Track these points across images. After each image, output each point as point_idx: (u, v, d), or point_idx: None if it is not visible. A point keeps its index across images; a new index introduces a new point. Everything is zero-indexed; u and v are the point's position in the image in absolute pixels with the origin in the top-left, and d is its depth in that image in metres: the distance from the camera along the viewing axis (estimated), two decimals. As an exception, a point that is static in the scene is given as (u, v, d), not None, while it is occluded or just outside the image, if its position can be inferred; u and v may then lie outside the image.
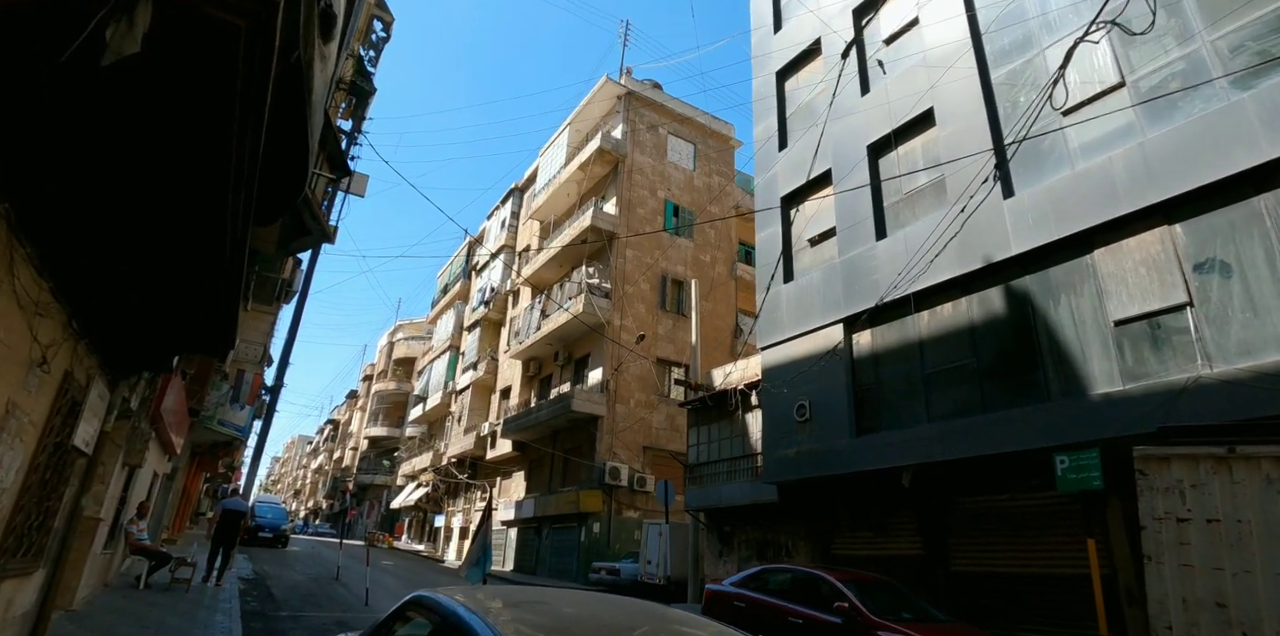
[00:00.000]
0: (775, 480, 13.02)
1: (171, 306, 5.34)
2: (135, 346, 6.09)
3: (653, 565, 16.99)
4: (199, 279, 4.75)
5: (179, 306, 5.38)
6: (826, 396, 12.36)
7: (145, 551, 9.73)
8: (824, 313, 12.95)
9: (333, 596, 12.21)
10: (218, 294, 4.96)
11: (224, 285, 4.78)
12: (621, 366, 22.83)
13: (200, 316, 5.46)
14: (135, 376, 7.22)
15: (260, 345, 17.87)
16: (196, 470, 23.49)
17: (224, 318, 5.48)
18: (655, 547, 17.06)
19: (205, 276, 4.61)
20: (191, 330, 5.96)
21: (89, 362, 5.69)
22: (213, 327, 5.83)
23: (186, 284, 4.91)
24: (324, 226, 6.45)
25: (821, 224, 13.83)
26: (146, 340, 5.97)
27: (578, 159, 27.06)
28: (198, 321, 5.65)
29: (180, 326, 5.84)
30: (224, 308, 5.26)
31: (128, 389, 7.28)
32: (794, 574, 9.02)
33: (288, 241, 6.85)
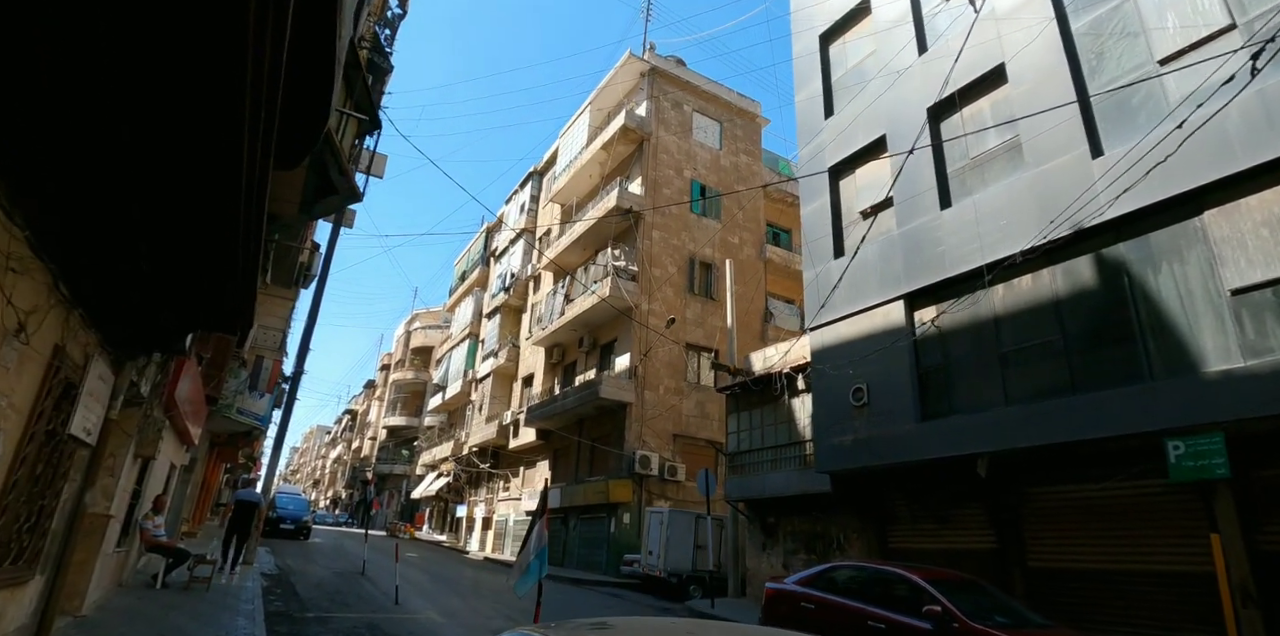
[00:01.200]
0: (829, 469, 12.15)
1: (180, 270, 4.54)
2: (140, 321, 5.29)
3: (654, 556, 16.10)
4: (212, 233, 3.93)
5: (189, 270, 4.57)
6: (886, 379, 11.45)
7: (162, 548, 9.03)
8: (881, 289, 12.01)
9: (361, 594, 11.52)
10: (234, 253, 4.14)
11: (241, 242, 3.97)
12: (650, 352, 21.99)
13: (214, 283, 4.66)
14: (143, 358, 6.44)
15: (279, 331, 17.18)
16: (216, 461, 22.96)
17: (241, 286, 4.67)
18: (656, 537, 16.16)
19: (219, 229, 3.79)
20: (205, 302, 5.16)
21: (86, 338, 4.89)
22: (229, 299, 5.02)
23: (197, 240, 4.10)
24: (351, 183, 5.63)
25: (875, 194, 12.86)
26: (153, 314, 5.17)
27: (600, 138, 26.11)
28: (212, 290, 4.84)
29: (192, 297, 5.03)
30: (241, 272, 4.44)
31: (135, 372, 6.50)
32: (868, 572, 8.16)
33: (311, 203, 6.02)
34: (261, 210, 3.87)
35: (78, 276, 4.32)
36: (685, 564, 15.89)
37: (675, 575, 15.65)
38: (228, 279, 4.57)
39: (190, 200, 3.65)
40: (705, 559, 15.90)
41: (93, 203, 3.51)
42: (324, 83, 3.45)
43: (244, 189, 3.46)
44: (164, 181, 3.48)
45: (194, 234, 4.01)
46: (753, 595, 14.89)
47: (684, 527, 16.25)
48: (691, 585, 15.66)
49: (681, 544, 16.00)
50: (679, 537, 16.00)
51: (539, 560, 5.46)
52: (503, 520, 28.73)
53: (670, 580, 15.70)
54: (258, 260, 4.52)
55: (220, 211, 3.65)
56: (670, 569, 15.67)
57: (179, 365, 7.91)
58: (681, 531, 16.17)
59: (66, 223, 3.64)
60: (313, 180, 5.52)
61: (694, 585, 15.66)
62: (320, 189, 5.75)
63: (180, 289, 4.84)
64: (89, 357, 4.98)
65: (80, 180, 3.31)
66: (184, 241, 4.12)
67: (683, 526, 16.27)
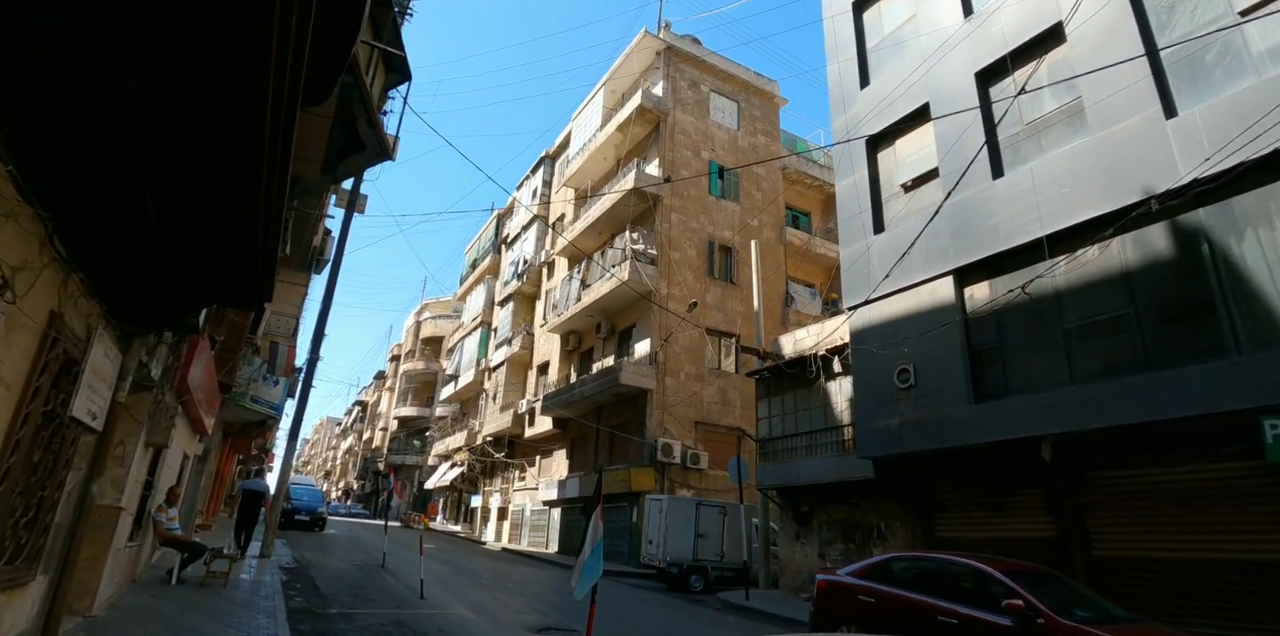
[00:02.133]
0: (871, 455, 11.57)
1: (195, 227, 3.96)
2: (149, 292, 4.72)
3: (654, 546, 15.40)
4: (232, 179, 3.34)
5: (205, 227, 3.98)
6: (935, 358, 10.83)
7: (176, 542, 8.52)
8: (927, 264, 11.37)
9: (383, 588, 11.03)
10: (255, 202, 3.55)
11: (265, 189, 3.38)
12: (671, 337, 21.39)
13: (234, 243, 4.08)
14: (153, 336, 5.88)
15: (292, 318, 16.67)
16: (229, 451, 22.54)
17: (263, 246, 4.08)
18: (656, 526, 15.46)
19: (241, 171, 3.20)
20: (222, 266, 4.58)
21: (88, 308, 4.32)
22: (249, 262, 4.44)
23: (215, 189, 3.52)
24: (381, 137, 5.02)
25: (919, 166, 12.18)
26: (163, 283, 4.60)
27: (616, 119, 25.40)
28: (231, 251, 4.26)
29: (208, 261, 4.46)
30: (264, 228, 3.85)
31: (145, 351, 5.95)
32: (934, 563, 7.56)
33: (335, 162, 5.41)
34: (288, 149, 3.27)
35: (77, 235, 3.74)
36: (686, 553, 15.13)
37: (676, 565, 14.95)
38: (249, 237, 3.99)
39: (208, 139, 3.06)
40: (707, 547, 15.29)
41: (90, 134, 2.92)
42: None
43: (270, 120, 2.86)
44: (177, 114, 2.89)
45: (211, 181, 3.42)
46: (786, 586, 14.37)
47: (684, 515, 15.51)
48: (693, 575, 14.95)
49: (682, 532, 15.28)
50: (679, 526, 15.29)
51: (594, 558, 4.89)
52: (519, 510, 28.31)
53: (670, 570, 15.02)
54: (282, 213, 3.93)
55: (242, 148, 3.06)
56: (670, 558, 14.98)
57: (192, 347, 7.36)
58: (681, 519, 15.43)
59: (58, 160, 3.05)
60: (339, 134, 4.90)
61: (695, 575, 14.97)
62: (346, 145, 5.13)
63: (195, 251, 4.26)
64: (92, 331, 4.41)
65: (74, 104, 2.72)
66: (199, 190, 3.53)
67: (683, 514, 15.52)
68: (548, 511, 25.52)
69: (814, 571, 13.88)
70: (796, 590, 13.97)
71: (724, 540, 15.54)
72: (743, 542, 15.51)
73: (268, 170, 3.35)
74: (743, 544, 15.50)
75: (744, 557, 15.36)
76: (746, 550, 15.36)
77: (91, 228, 3.75)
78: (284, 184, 3.55)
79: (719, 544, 15.46)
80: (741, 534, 15.59)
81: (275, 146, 3.19)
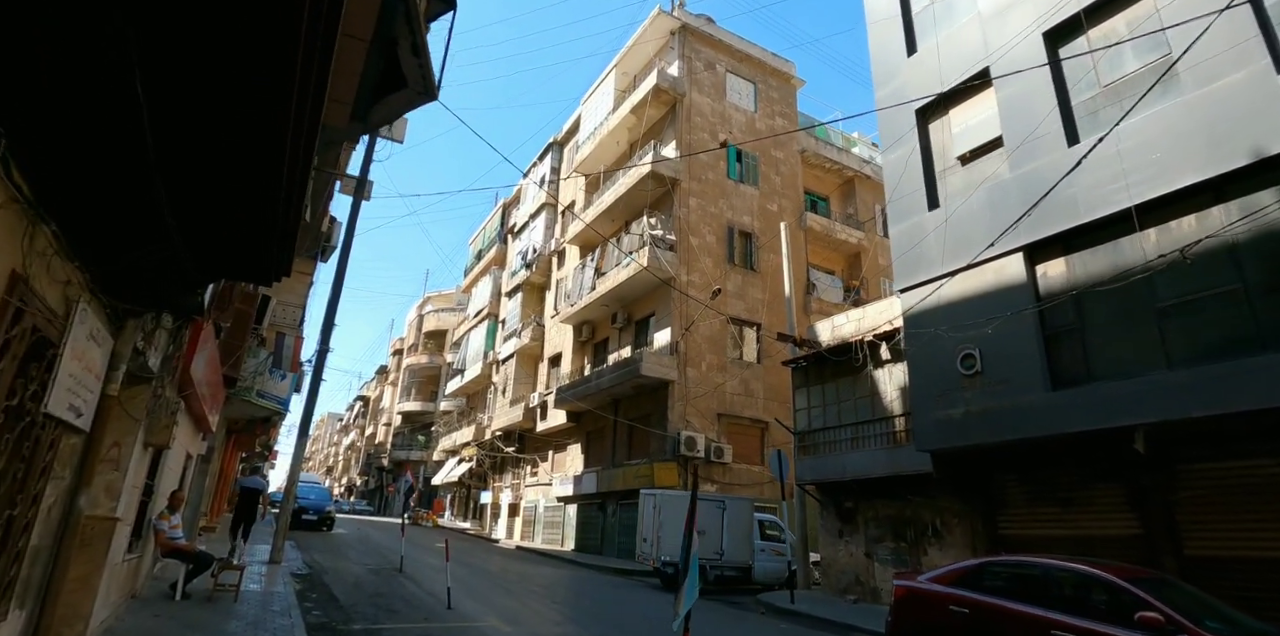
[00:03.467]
0: (933, 447, 10.70)
1: (204, 173, 3.06)
2: (147, 256, 3.81)
3: (648, 543, 14.37)
4: (256, 107, 2.46)
5: (217, 173, 3.09)
6: (1004, 342, 9.95)
7: (180, 553, 7.63)
8: (992, 241, 10.46)
9: (405, 597, 10.17)
10: (280, 148, 2.67)
11: (292, 129, 2.50)
12: (693, 326, 20.51)
13: (251, 197, 3.19)
14: (151, 316, 4.97)
15: (298, 309, 15.77)
16: (233, 449, 21.65)
17: (285, 203, 3.19)
18: (650, 523, 14.44)
19: (268, 99, 2.33)
20: (235, 229, 3.69)
21: (67, 273, 3.42)
22: (265, 226, 3.55)
23: (233, 122, 2.62)
24: (426, 68, 4.11)
25: (978, 136, 11.26)
26: (165, 245, 3.70)
27: (629, 101, 24.41)
28: (246, 210, 3.37)
29: (218, 218, 3.56)
30: (287, 180, 2.97)
31: (141, 336, 5.05)
32: (1039, 569, 6.68)
33: (369, 104, 4.48)
34: (325, 69, 2.39)
35: (47, 167, 2.83)
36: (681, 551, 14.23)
37: (671, 564, 13.86)
38: (270, 188, 3.09)
39: (229, 47, 2.18)
40: (705, 545, 14.05)
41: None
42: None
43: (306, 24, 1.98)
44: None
45: (230, 110, 2.53)
46: (830, 587, 13.53)
47: (680, 511, 14.46)
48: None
49: (677, 529, 14.34)
50: (674, 522, 14.15)
51: (691, 582, 4.01)
52: (531, 506, 27.48)
53: (666, 570, 14.05)
54: (310, 160, 3.04)
55: (270, 67, 2.18)
56: (665, 557, 13.90)
57: (195, 333, 6.46)
58: (677, 515, 14.18)
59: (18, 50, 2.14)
60: (375, 65, 4.00)
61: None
62: (384, 81, 4.23)
63: (204, 203, 3.36)
64: (72, 304, 3.50)
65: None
66: (214, 123, 2.64)
67: (679, 510, 14.30)
68: (562, 508, 24.69)
69: (858, 571, 13.08)
70: (841, 591, 13.14)
71: (723, 537, 14.44)
72: (745, 540, 14.55)
73: (298, 98, 2.46)
74: (745, 542, 14.54)
75: (747, 557, 14.45)
76: (749, 548, 14.45)
77: (68, 159, 2.85)
78: (316, 119, 2.67)
79: (718, 541, 14.34)
80: (744, 531, 14.58)
81: (310, 67, 2.31)
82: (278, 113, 2.58)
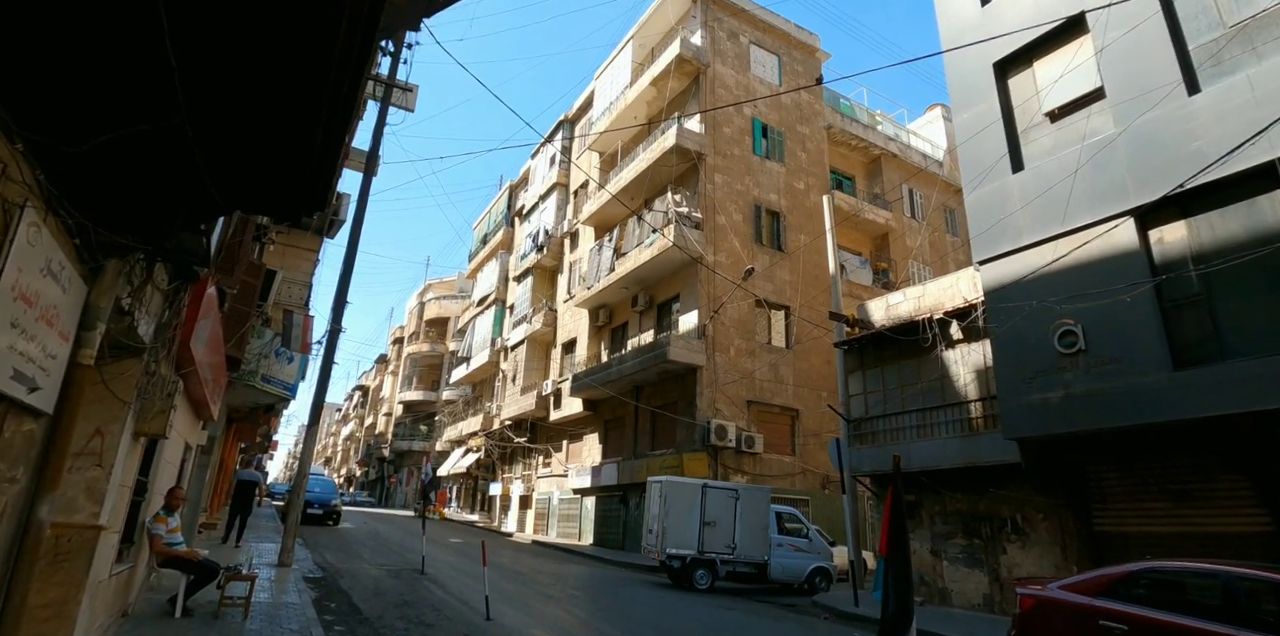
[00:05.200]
0: (1025, 434, 9.57)
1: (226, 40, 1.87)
2: (135, 151, 2.60)
3: (652, 534, 13.16)
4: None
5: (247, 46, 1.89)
6: (1112, 317, 8.81)
7: (180, 562, 6.43)
8: (1093, 205, 9.30)
9: (435, 604, 9.03)
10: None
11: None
12: (722, 308, 19.34)
13: (294, 81, 2.00)
14: (138, 260, 3.78)
15: (304, 287, 14.53)
16: (233, 440, 20.45)
17: (334, 96, 2.02)
18: (655, 513, 13.24)
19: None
20: (263, 119, 2.49)
21: (4, 158, 2.21)
22: (309, 120, 2.36)
23: None
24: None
25: (1071, 89, 10.05)
26: (156, 118, 2.50)
27: (649, 73, 23.10)
28: (283, 101, 2.18)
29: (241, 93, 2.37)
30: (339, 64, 1.80)
31: (127, 289, 3.86)
32: (1222, 578, 5.53)
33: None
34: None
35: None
36: (689, 544, 12.89)
37: (677, 558, 12.84)
38: (319, 72, 1.91)
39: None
40: (714, 538, 13.08)
41: None
42: None
43: None
44: None
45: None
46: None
47: (687, 500, 13.19)
48: (698, 570, 12.85)
49: (684, 520, 12.99)
50: (680, 513, 13.07)
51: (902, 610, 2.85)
52: (544, 498, 26.38)
53: (672, 564, 12.93)
54: (371, 43, 1.86)
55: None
56: (671, 550, 12.83)
57: (197, 295, 5.26)
58: (684, 505, 13.16)
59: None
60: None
61: (701, 570, 12.87)
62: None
63: (222, 66, 2.16)
64: (12, 214, 2.29)
65: None
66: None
67: (686, 498, 13.23)
68: (579, 500, 23.58)
69: (922, 571, 11.97)
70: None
71: (736, 529, 13.28)
72: (760, 534, 13.31)
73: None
74: (760, 535, 13.31)
75: (763, 552, 13.23)
76: (765, 543, 13.24)
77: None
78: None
79: (729, 534, 13.22)
80: (759, 523, 13.36)
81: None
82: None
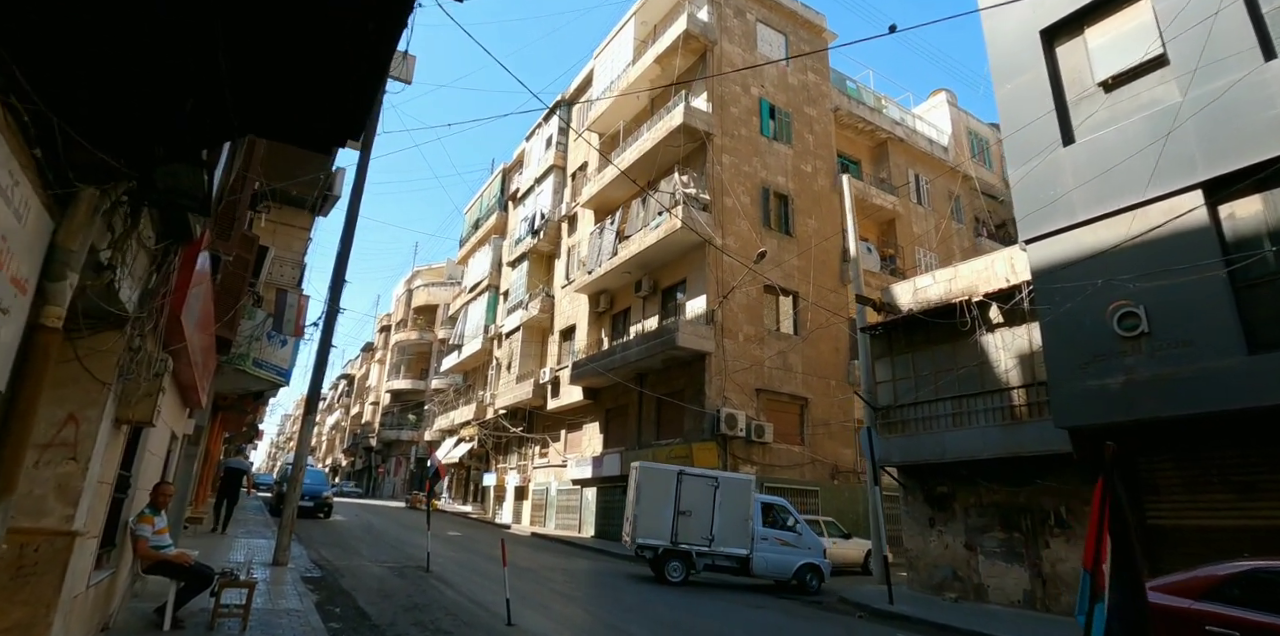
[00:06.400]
0: (1080, 422, 8.98)
1: None
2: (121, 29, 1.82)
3: (629, 523, 12.42)
4: None
5: None
6: (1179, 297, 8.20)
7: (168, 566, 5.66)
8: (1157, 178, 8.67)
9: (447, 607, 8.32)
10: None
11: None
12: (731, 293, 18.66)
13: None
14: (121, 198, 3.01)
15: (297, 267, 13.68)
16: (219, 429, 19.53)
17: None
18: (632, 499, 12.48)
19: None
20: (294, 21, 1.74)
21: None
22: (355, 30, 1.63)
23: None
24: None
25: (1128, 56, 9.40)
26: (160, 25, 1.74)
27: (653, 50, 22.27)
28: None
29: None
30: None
31: (107, 238, 3.09)
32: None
33: None
34: None
35: None
36: (662, 534, 12.05)
37: (649, 548, 12.11)
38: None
39: None
40: (690, 528, 12.17)
41: None
42: None
43: None
44: None
45: None
46: (919, 583, 11.87)
47: (662, 487, 12.33)
48: (671, 561, 12.02)
49: (658, 508, 12.20)
50: (655, 500, 12.24)
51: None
52: (542, 489, 25.69)
53: (644, 554, 12.25)
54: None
55: None
56: (642, 539, 12.09)
57: (189, 257, 4.48)
58: (659, 492, 12.31)
59: None
60: None
61: (674, 561, 12.04)
62: None
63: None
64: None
65: None
66: None
67: (660, 486, 12.35)
68: (579, 491, 22.91)
69: (955, 565, 11.41)
70: (934, 587, 11.50)
71: (714, 520, 12.36)
72: (741, 525, 12.37)
73: None
74: (741, 527, 12.36)
75: (744, 545, 12.22)
76: (746, 535, 12.26)
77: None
78: None
79: (707, 525, 12.30)
80: (740, 513, 12.42)
81: None
82: None
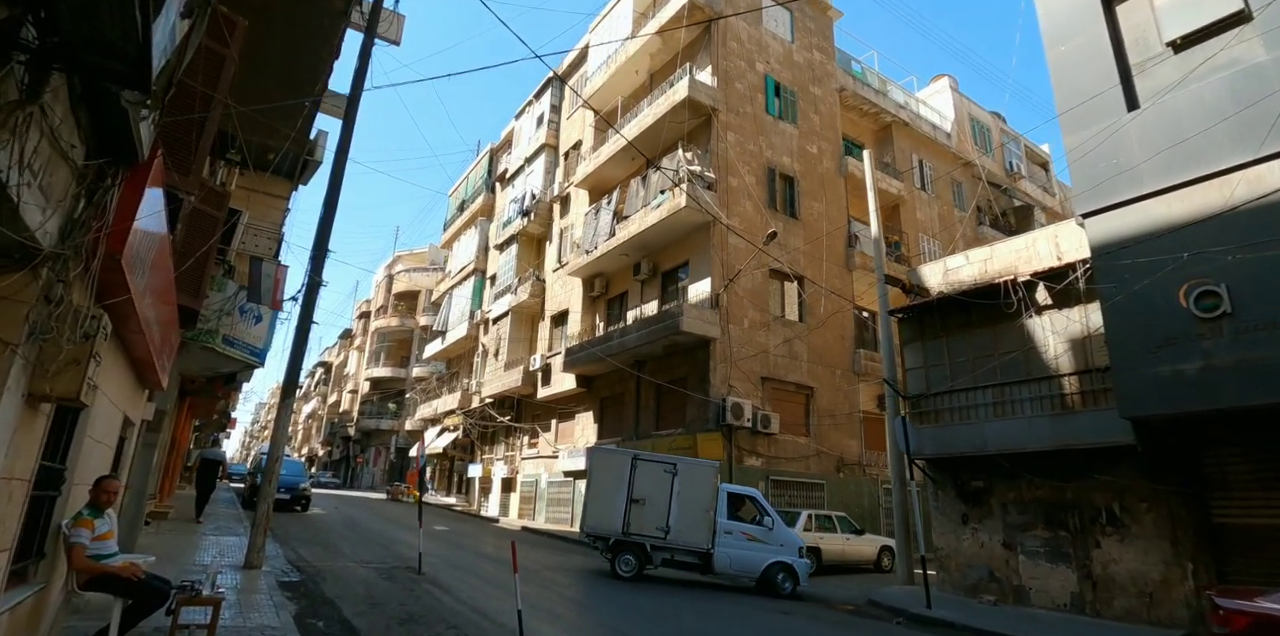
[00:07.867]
0: (1152, 411, 8.17)
1: None
2: None
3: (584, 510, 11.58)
4: None
5: None
6: (1266, 273, 7.39)
7: (111, 581, 4.55)
8: (1239, 144, 7.83)
9: (447, 618, 7.32)
10: None
11: None
12: (738, 276, 17.74)
13: None
14: (15, 63, 1.93)
15: (273, 238, 12.49)
16: (187, 416, 18.29)
17: None
18: (587, 486, 11.64)
19: None
20: None
21: None
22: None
23: None
24: None
25: (1202, 13, 8.53)
26: None
27: (654, 21, 21.20)
28: None
29: None
30: None
31: (11, 139, 2.04)
32: None
33: None
34: None
35: None
36: (614, 524, 11.12)
37: (600, 539, 11.30)
38: None
39: None
40: (643, 518, 11.12)
41: None
42: None
43: None
44: None
45: None
46: (950, 584, 11.06)
47: (615, 473, 11.43)
48: (622, 554, 11.04)
49: (609, 496, 11.32)
50: (606, 488, 11.39)
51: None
52: (531, 481, 24.68)
53: (595, 546, 11.43)
54: None
55: None
56: (590, 529, 11.33)
57: (135, 184, 3.42)
58: (611, 479, 11.43)
59: None
60: None
61: (624, 555, 11.05)
62: None
63: None
64: None
65: None
66: None
67: (613, 471, 11.46)
68: (571, 483, 21.92)
69: (993, 566, 10.60)
70: (968, 589, 10.70)
71: (671, 509, 11.17)
72: (701, 516, 11.07)
73: None
74: (701, 518, 11.06)
75: (704, 539, 10.95)
76: (707, 528, 10.99)
77: None
78: None
79: (662, 515, 11.15)
80: (700, 504, 11.15)
81: None
82: None
